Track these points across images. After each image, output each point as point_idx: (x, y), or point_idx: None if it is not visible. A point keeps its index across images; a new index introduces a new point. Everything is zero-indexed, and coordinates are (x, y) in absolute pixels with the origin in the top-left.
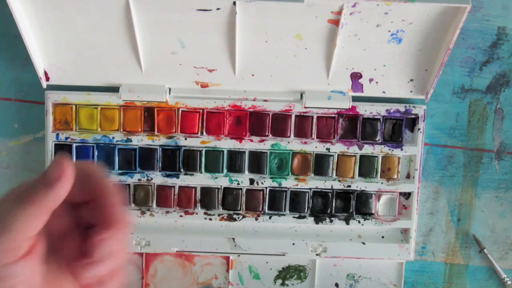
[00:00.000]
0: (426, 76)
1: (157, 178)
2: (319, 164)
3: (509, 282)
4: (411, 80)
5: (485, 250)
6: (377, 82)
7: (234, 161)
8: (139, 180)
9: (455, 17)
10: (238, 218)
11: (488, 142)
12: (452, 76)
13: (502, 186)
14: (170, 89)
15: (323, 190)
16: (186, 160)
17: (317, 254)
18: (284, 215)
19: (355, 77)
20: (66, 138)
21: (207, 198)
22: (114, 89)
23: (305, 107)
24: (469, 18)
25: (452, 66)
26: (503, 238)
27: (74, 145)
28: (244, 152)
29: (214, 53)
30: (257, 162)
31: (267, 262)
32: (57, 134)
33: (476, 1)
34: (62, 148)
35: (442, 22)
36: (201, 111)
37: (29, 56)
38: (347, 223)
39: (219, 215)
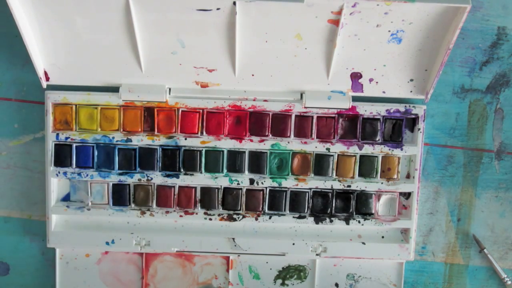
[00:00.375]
0: (426, 76)
1: (157, 178)
2: (319, 164)
3: (509, 282)
4: (411, 80)
5: (485, 250)
6: (377, 82)
7: (234, 161)
8: (139, 180)
9: (455, 17)
10: (238, 218)
11: (488, 142)
12: (452, 76)
13: (502, 186)
14: (170, 89)
15: (323, 190)
16: (186, 160)
17: (317, 254)
18: (284, 215)
19: (355, 77)
20: (66, 138)
21: (207, 198)
22: (114, 89)
23: (305, 107)
24: (469, 18)
25: (452, 66)
26: (503, 238)
27: (74, 145)
28: (244, 152)
29: (214, 53)
30: (257, 162)
31: (267, 262)
32: (57, 134)
33: (476, 1)
34: (62, 148)
35: (442, 22)
36: (201, 111)
37: (29, 56)
38: (347, 223)
39: (219, 215)
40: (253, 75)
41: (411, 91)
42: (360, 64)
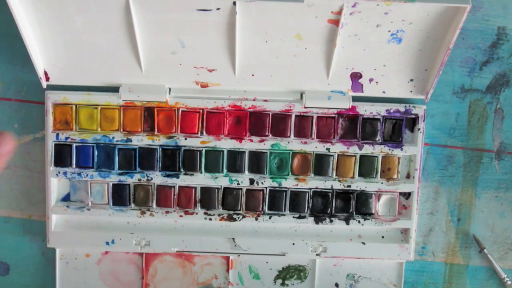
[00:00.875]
0: (426, 76)
1: (157, 178)
2: (319, 164)
3: (509, 282)
4: (411, 80)
5: (485, 250)
6: (377, 82)
7: (234, 161)
8: (139, 180)
9: (455, 17)
10: (238, 218)
11: (488, 142)
12: (452, 76)
13: (502, 186)
14: (170, 89)
15: (323, 190)
16: (186, 160)
17: (317, 254)
18: (284, 215)
19: (355, 77)
20: (66, 138)
21: (207, 198)
22: (114, 89)
23: (305, 107)
24: (469, 18)
25: (452, 66)
26: (503, 238)
27: (74, 145)
28: (244, 152)
29: (214, 53)
30: (257, 162)
31: (267, 262)
32: (57, 134)
33: (476, 1)
34: (62, 148)
35: (442, 22)
36: (201, 111)
37: (29, 56)
38: (347, 223)
39: (219, 215)
40: (253, 75)
41: (411, 91)
42: (360, 64)
